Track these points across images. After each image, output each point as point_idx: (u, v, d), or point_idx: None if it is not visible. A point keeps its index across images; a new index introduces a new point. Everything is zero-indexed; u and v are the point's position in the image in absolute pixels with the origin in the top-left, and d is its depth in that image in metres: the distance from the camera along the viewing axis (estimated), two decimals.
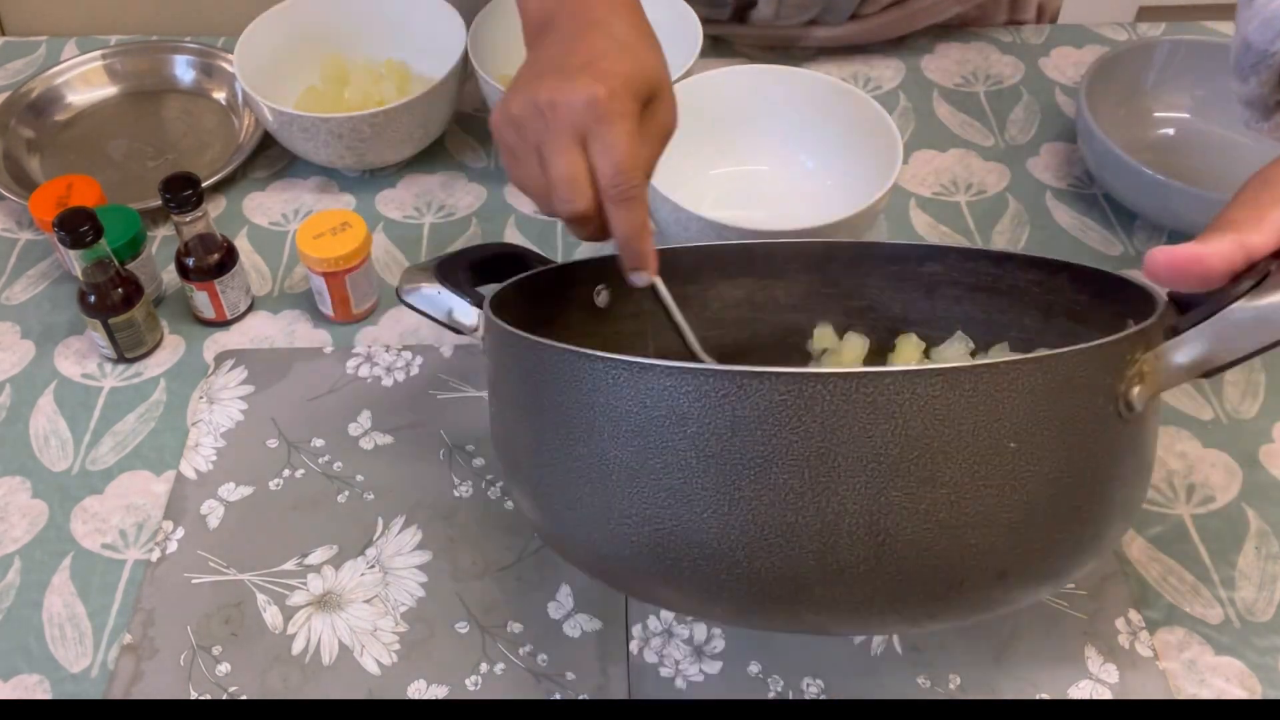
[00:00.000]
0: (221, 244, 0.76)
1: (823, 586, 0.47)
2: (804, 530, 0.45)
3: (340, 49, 0.92)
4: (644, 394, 0.46)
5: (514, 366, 0.53)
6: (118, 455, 0.71)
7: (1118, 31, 1.02)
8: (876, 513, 0.45)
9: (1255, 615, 0.63)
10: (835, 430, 0.44)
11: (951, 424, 0.44)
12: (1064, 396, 0.46)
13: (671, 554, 0.48)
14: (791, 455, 0.45)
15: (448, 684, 0.60)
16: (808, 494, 0.45)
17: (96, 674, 0.61)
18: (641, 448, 0.47)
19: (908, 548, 0.45)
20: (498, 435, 0.57)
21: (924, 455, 0.45)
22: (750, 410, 0.45)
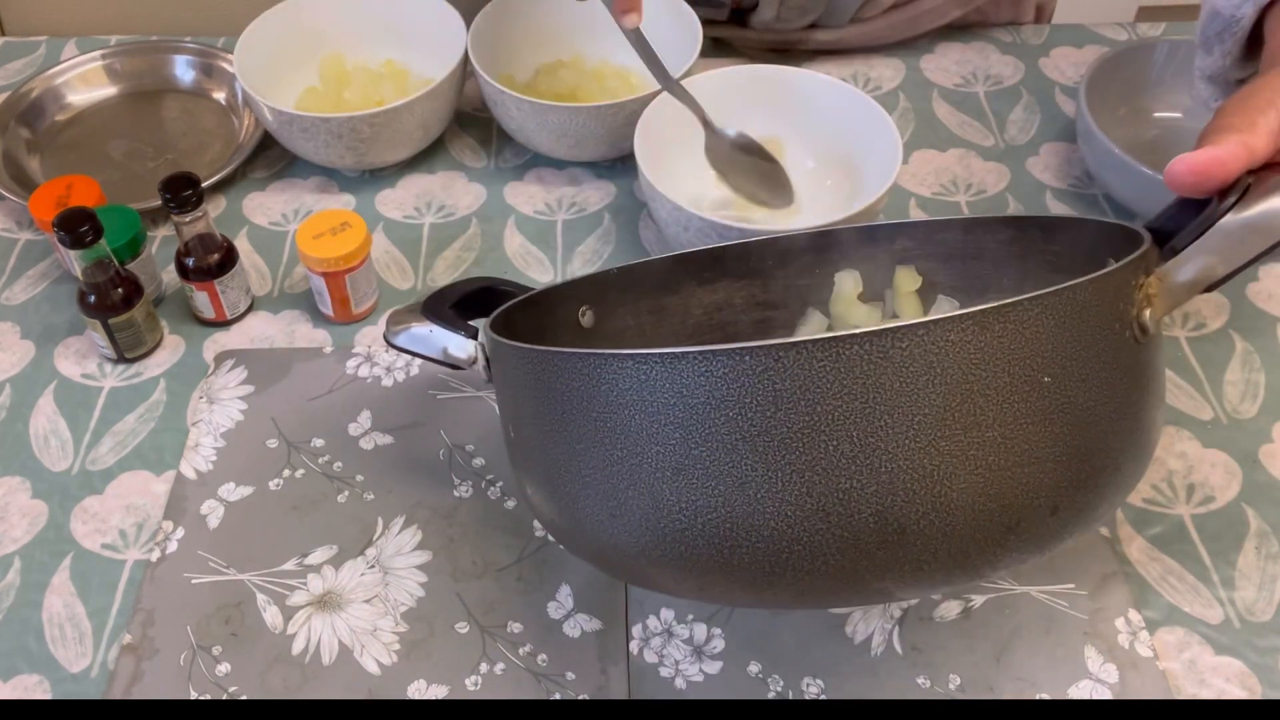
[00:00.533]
0: (221, 244, 0.76)
1: (884, 549, 0.46)
2: (860, 494, 0.45)
3: (340, 49, 0.92)
4: (679, 384, 0.46)
5: (532, 383, 0.52)
6: (118, 455, 0.71)
7: (1118, 31, 1.02)
8: (930, 465, 0.45)
9: (1255, 615, 0.63)
10: (877, 388, 0.44)
11: (987, 366, 0.45)
12: (1086, 325, 0.47)
13: (729, 541, 0.47)
14: (837, 420, 0.44)
15: (448, 684, 0.60)
16: (859, 457, 0.45)
17: (96, 674, 0.61)
18: (684, 439, 0.46)
19: (963, 495, 0.45)
20: (521, 459, 0.56)
21: (966, 400, 0.45)
22: (790, 382, 0.44)
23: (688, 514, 0.47)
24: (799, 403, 0.44)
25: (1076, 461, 0.48)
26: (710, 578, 0.50)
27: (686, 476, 0.47)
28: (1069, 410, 0.47)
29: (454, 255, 0.83)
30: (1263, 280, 0.80)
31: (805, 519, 0.46)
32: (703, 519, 0.47)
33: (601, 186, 0.89)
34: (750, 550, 0.47)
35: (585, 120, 0.83)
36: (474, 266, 0.82)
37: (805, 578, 0.48)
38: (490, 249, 0.84)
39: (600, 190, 0.88)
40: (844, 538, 0.46)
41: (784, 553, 0.47)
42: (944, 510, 0.45)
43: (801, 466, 0.45)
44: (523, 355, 0.53)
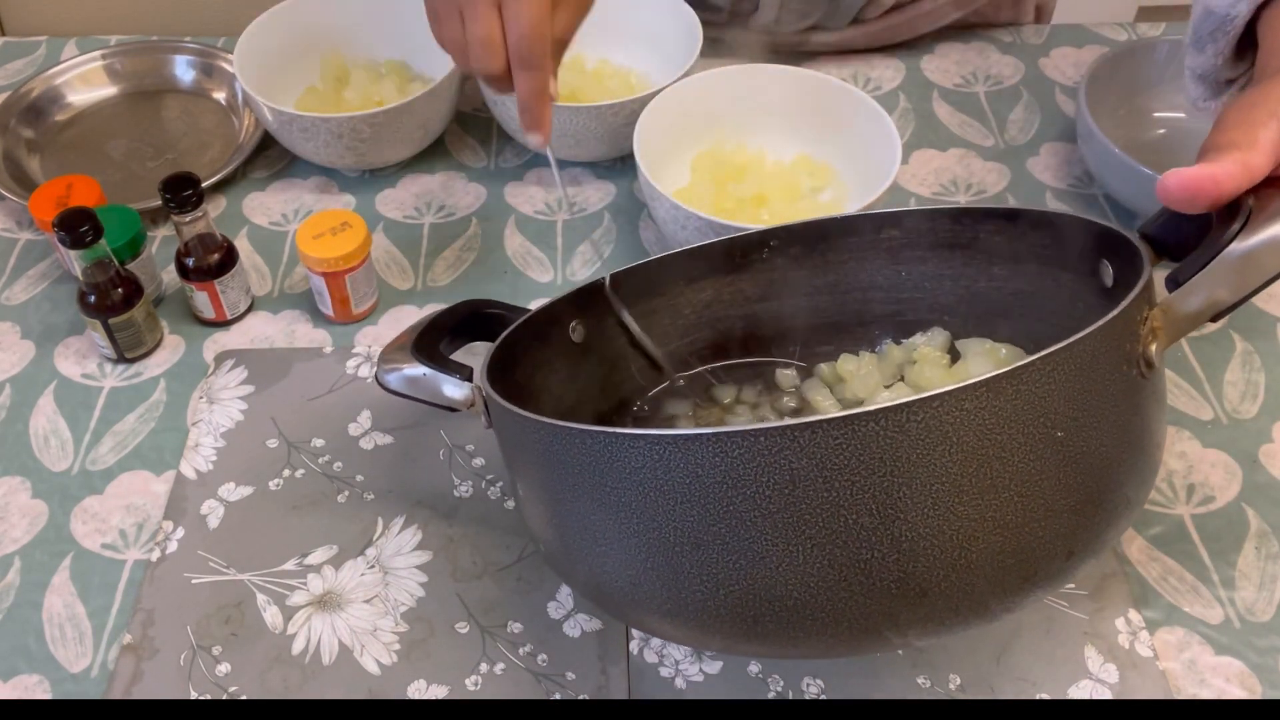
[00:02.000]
0: (221, 244, 0.76)
1: (906, 610, 0.47)
2: (882, 563, 0.45)
3: (340, 49, 0.92)
4: (694, 465, 0.46)
5: (539, 451, 0.52)
6: (118, 455, 0.71)
7: (1118, 32, 1.02)
8: (950, 530, 0.45)
9: (1255, 615, 0.63)
10: (894, 462, 0.44)
11: (1002, 429, 0.45)
12: (1096, 372, 0.47)
13: (751, 610, 0.47)
14: (856, 495, 0.45)
15: (448, 684, 0.60)
16: (879, 528, 0.45)
17: (96, 674, 0.61)
18: (700, 517, 0.46)
19: (983, 554, 0.46)
20: (531, 515, 0.56)
21: (982, 465, 0.45)
22: (807, 460, 0.44)
23: (709, 585, 0.48)
24: (816, 480, 0.45)
25: (1090, 505, 0.48)
26: (733, 640, 0.50)
27: (706, 551, 0.47)
28: (1082, 459, 0.47)
29: (454, 255, 0.83)
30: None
31: (827, 588, 0.46)
32: (724, 590, 0.47)
33: (601, 186, 0.89)
34: (773, 617, 0.47)
35: (585, 120, 0.83)
36: (474, 267, 0.82)
37: (828, 639, 0.48)
38: (490, 249, 0.84)
39: (600, 190, 0.88)
40: (866, 603, 0.46)
41: (807, 619, 0.47)
42: (964, 570, 0.46)
43: (822, 540, 0.45)
44: (528, 424, 0.52)
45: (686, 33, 0.89)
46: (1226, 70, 0.66)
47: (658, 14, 0.92)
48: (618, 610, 0.54)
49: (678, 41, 0.89)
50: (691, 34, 0.88)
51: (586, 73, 0.92)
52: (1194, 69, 0.68)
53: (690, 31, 0.88)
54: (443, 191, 0.89)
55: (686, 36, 0.88)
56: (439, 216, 0.87)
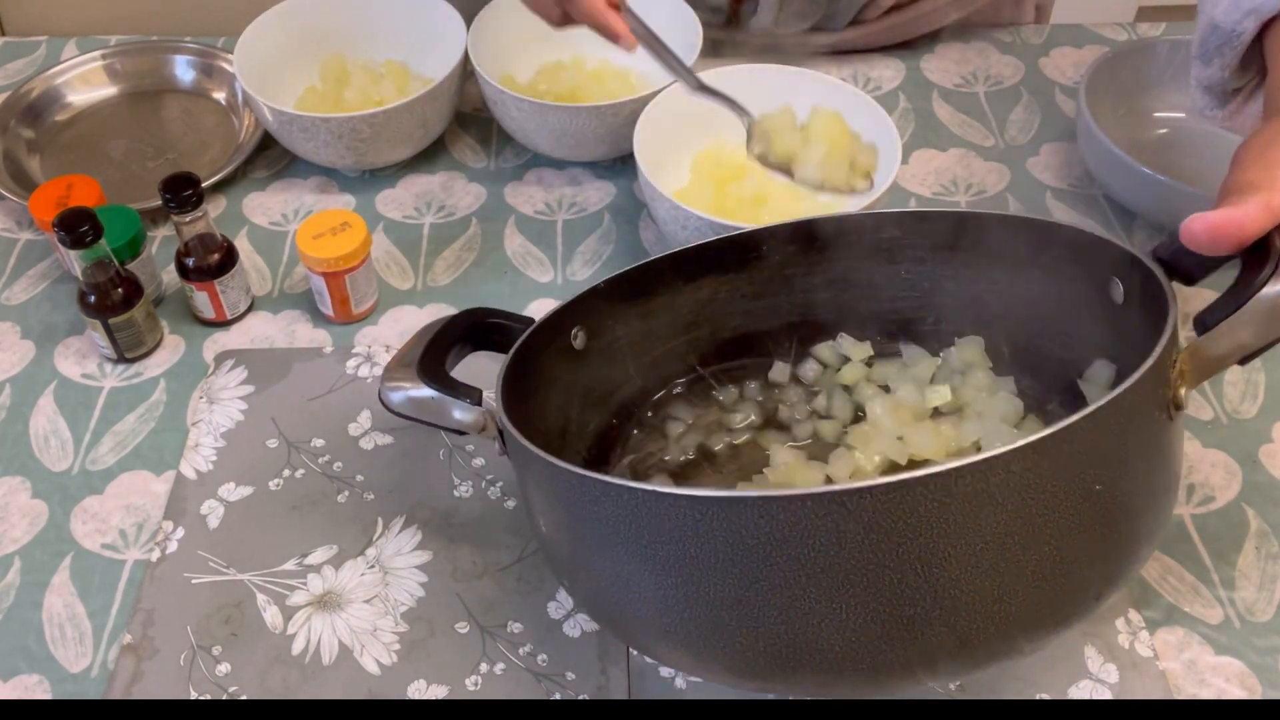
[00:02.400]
0: (221, 244, 0.76)
1: (946, 660, 0.48)
2: (924, 619, 0.46)
3: (340, 49, 0.92)
4: (737, 526, 0.46)
5: (573, 500, 0.51)
6: (118, 455, 0.71)
7: (1118, 31, 1.02)
8: (991, 587, 0.46)
9: (1255, 615, 0.63)
10: (941, 524, 0.45)
11: (1046, 488, 0.46)
12: (1133, 423, 0.48)
13: (791, 660, 0.48)
14: (902, 556, 0.45)
15: (448, 684, 0.60)
16: (923, 588, 0.45)
17: (96, 674, 0.61)
18: (741, 576, 0.47)
19: (1022, 606, 0.47)
20: (555, 555, 0.56)
21: (1025, 523, 0.46)
22: (853, 524, 0.44)
23: (748, 636, 0.48)
24: (863, 541, 0.45)
25: (1121, 548, 0.49)
26: (770, 683, 0.51)
27: (746, 607, 0.47)
28: (1116, 507, 0.48)
29: (454, 255, 0.83)
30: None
31: (869, 642, 0.47)
32: (764, 642, 0.48)
33: (601, 186, 0.89)
34: (813, 667, 0.48)
35: (585, 120, 0.83)
36: (474, 267, 0.82)
37: (863, 685, 0.49)
38: (490, 249, 0.84)
39: (600, 190, 0.88)
40: (906, 654, 0.47)
41: (846, 668, 0.48)
42: (1003, 622, 0.47)
43: (866, 598, 0.46)
44: (558, 472, 0.51)
45: (686, 33, 0.88)
46: (1233, 80, 0.66)
47: (658, 14, 0.91)
48: (646, 649, 0.55)
49: (678, 41, 0.89)
50: (691, 34, 0.88)
51: (586, 73, 0.92)
52: (1200, 80, 0.68)
53: (690, 31, 0.88)
54: (443, 191, 0.89)
55: (686, 36, 0.88)
56: (439, 216, 0.87)
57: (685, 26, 0.89)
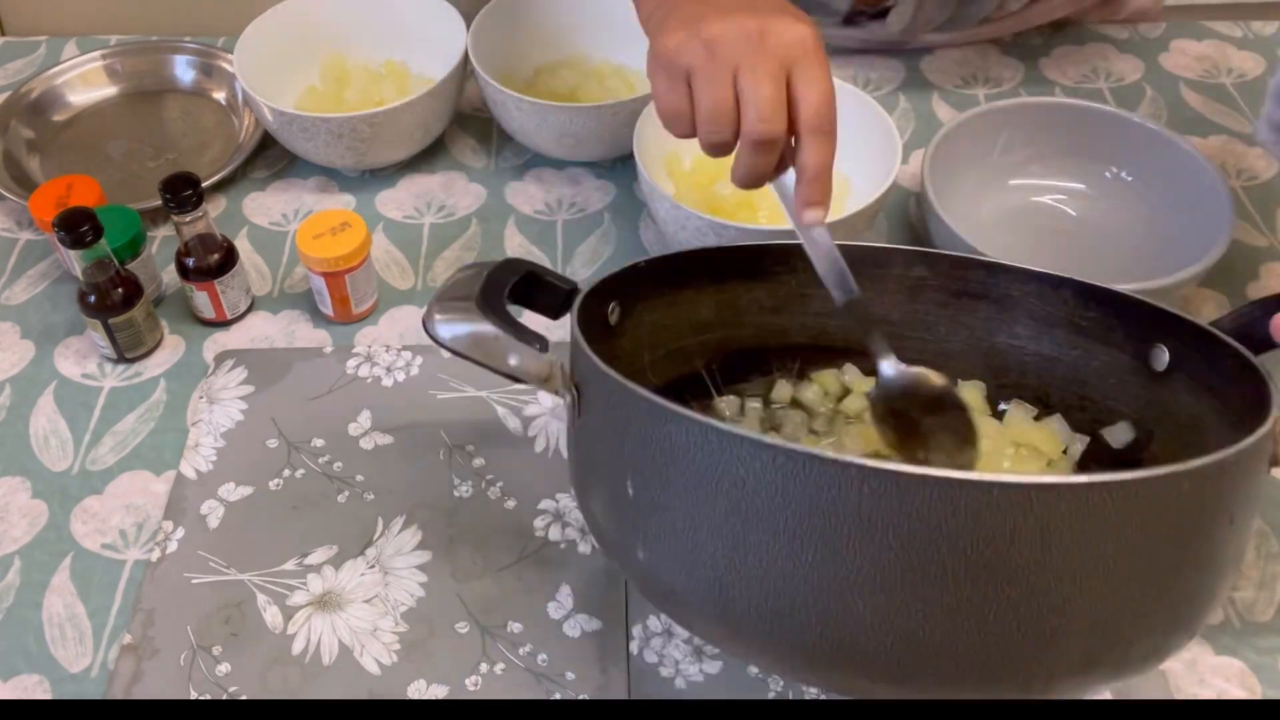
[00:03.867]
0: (221, 244, 0.76)
1: (1067, 680, 0.47)
2: (1066, 632, 0.46)
3: (340, 49, 0.92)
4: (909, 504, 0.44)
5: (684, 452, 0.48)
6: (118, 455, 0.71)
7: (1118, 30, 1.02)
8: (1137, 607, 0.46)
9: (1255, 615, 0.63)
10: (1111, 535, 0.44)
11: (1205, 512, 0.46)
12: (1257, 468, 0.49)
13: (914, 661, 0.46)
14: (1068, 562, 0.44)
15: (448, 684, 0.60)
16: (1076, 598, 0.45)
17: (96, 674, 0.61)
18: (896, 561, 0.45)
19: (1150, 631, 0.47)
20: (630, 514, 0.52)
21: (1181, 546, 0.46)
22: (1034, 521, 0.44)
23: (878, 630, 0.46)
24: (1036, 542, 0.44)
25: (1226, 583, 0.50)
26: (872, 686, 0.49)
27: (890, 595, 0.45)
28: (1238, 542, 0.49)
29: (454, 255, 0.83)
30: (1263, 279, 0.80)
31: (1006, 649, 0.46)
32: (894, 637, 0.46)
33: (601, 186, 0.89)
34: (936, 669, 0.47)
35: (585, 120, 0.83)
36: None
37: (978, 693, 0.48)
38: (490, 249, 0.84)
39: (600, 190, 0.88)
40: (1034, 671, 0.47)
41: (971, 678, 0.47)
42: (1126, 644, 0.47)
43: (1017, 601, 0.45)
44: (683, 422, 0.47)
45: None
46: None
47: None
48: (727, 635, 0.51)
49: None
50: None
51: (586, 73, 0.92)
52: (1273, 119, 0.70)
53: None
54: (443, 191, 0.89)
55: None
56: (439, 216, 0.87)
57: None
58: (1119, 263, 0.78)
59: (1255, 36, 1.02)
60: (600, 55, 0.94)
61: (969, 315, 0.66)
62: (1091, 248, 0.81)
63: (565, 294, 0.61)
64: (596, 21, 0.94)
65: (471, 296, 0.56)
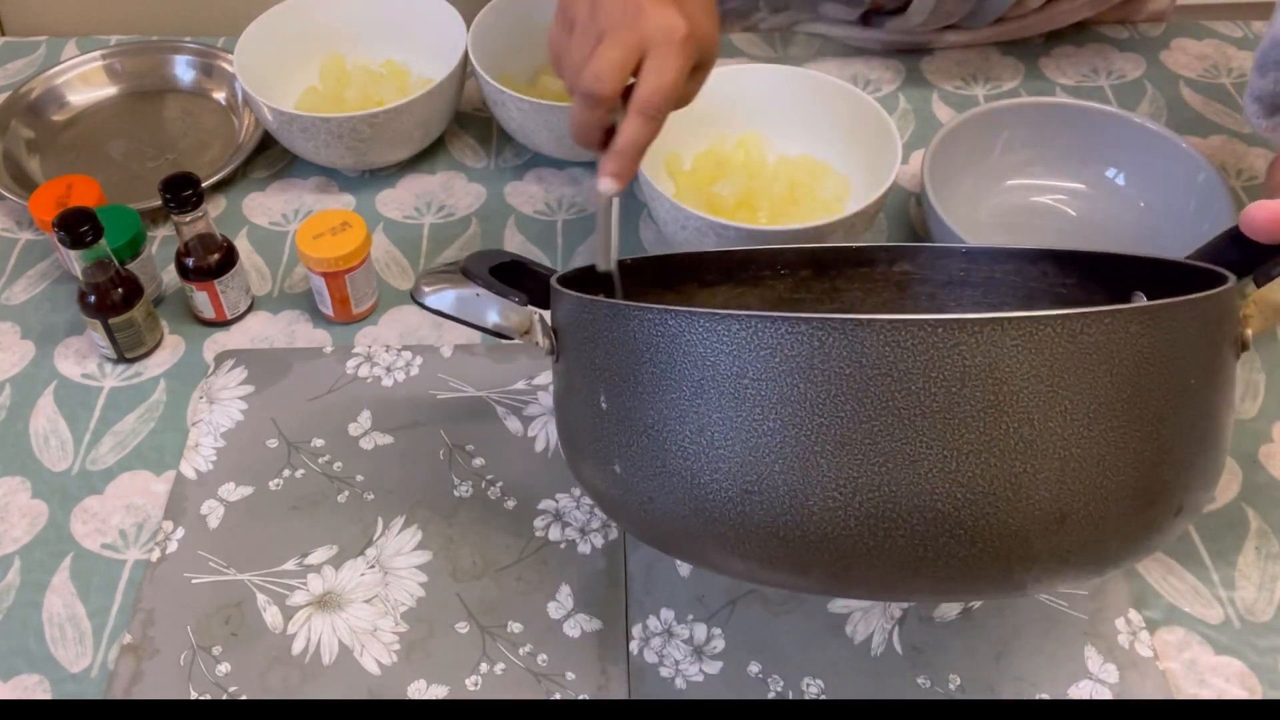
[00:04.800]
0: (221, 244, 0.76)
1: (1042, 538, 0.46)
2: (1033, 480, 0.44)
3: (340, 49, 0.92)
4: (858, 353, 0.44)
5: (647, 347, 0.49)
6: (118, 455, 0.71)
7: (1118, 30, 1.02)
8: (1098, 453, 0.45)
9: (1255, 615, 0.63)
10: (1063, 371, 0.44)
11: (1153, 362, 0.46)
12: (1217, 334, 0.49)
13: (885, 524, 0.45)
14: (1022, 401, 0.44)
15: (448, 684, 0.60)
16: (1038, 441, 0.44)
17: (96, 674, 0.61)
18: (855, 411, 0.44)
19: (1118, 487, 0.46)
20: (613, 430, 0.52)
21: (1135, 394, 0.46)
22: (980, 359, 0.43)
23: (844, 491, 0.45)
24: (986, 380, 0.43)
25: (1198, 461, 0.49)
26: (849, 562, 0.47)
27: (850, 451, 0.45)
28: (1202, 413, 0.48)
29: (454, 255, 0.83)
30: None
31: (973, 503, 0.45)
32: (861, 497, 0.45)
33: None
34: (907, 534, 0.45)
35: None
36: None
37: (957, 567, 0.46)
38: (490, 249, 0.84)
39: None
40: (1008, 524, 0.45)
41: (943, 538, 0.45)
42: (1101, 501, 0.46)
43: (979, 447, 0.44)
44: (643, 316, 0.49)
45: None
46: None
47: None
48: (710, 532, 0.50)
49: None
50: None
51: None
52: (1254, 91, 0.71)
53: None
54: (443, 191, 0.89)
55: None
56: (439, 216, 0.87)
57: None
58: None
59: (1255, 36, 1.02)
60: None
61: (958, 304, 0.66)
62: (1091, 248, 0.80)
63: (546, 280, 0.61)
64: None
65: (455, 269, 0.60)
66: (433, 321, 0.78)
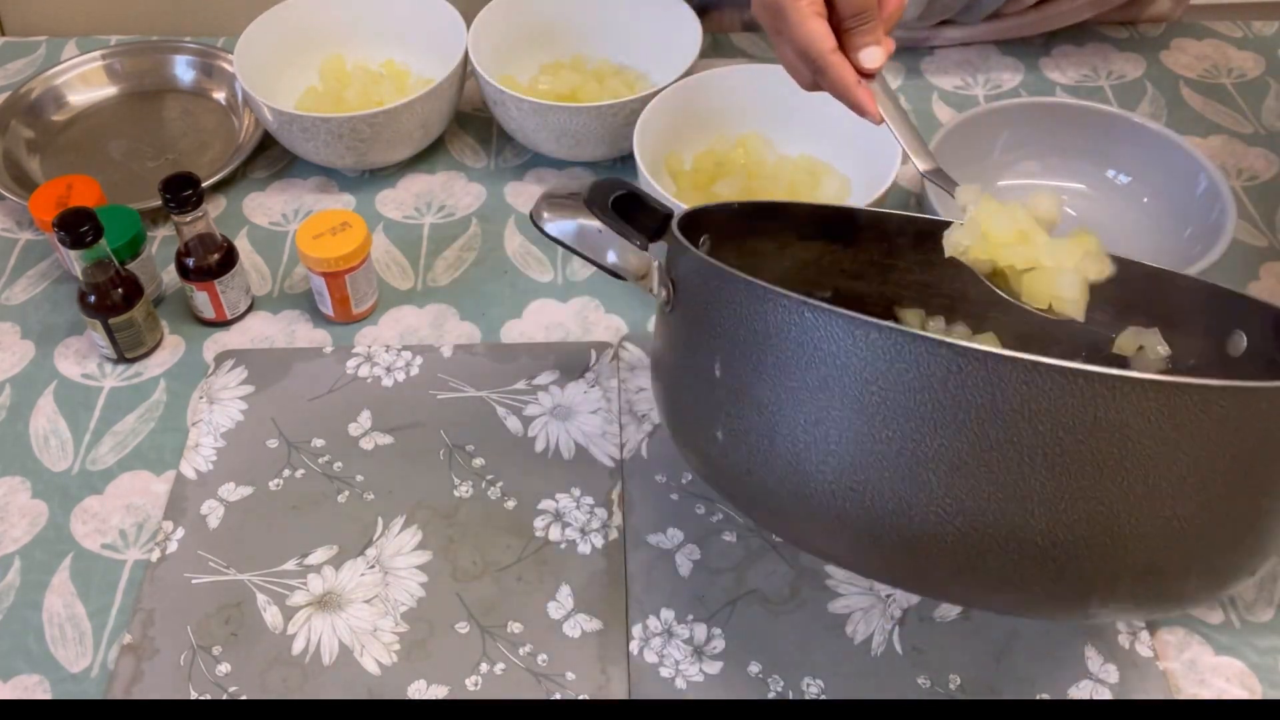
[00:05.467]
0: (221, 244, 0.76)
1: (1128, 584, 0.47)
2: (1133, 533, 0.46)
3: (340, 49, 0.92)
4: (994, 387, 0.44)
5: (779, 333, 0.49)
6: (118, 455, 0.71)
7: (1118, 30, 1.02)
8: (1203, 520, 0.46)
9: (1255, 615, 0.63)
10: (1188, 439, 0.44)
11: (1276, 439, 0.46)
12: None
13: (980, 546, 0.46)
14: (1142, 461, 0.44)
15: (448, 684, 0.60)
16: (1146, 499, 0.45)
17: (96, 674, 0.61)
18: (975, 441, 0.45)
19: (1212, 550, 0.47)
20: (721, 399, 0.52)
21: (1250, 466, 0.46)
22: (1115, 415, 0.44)
23: (949, 510, 0.46)
24: (1114, 435, 0.44)
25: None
26: (935, 570, 0.49)
27: (964, 475, 0.46)
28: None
29: (454, 255, 0.83)
30: (1263, 279, 0.80)
31: (1073, 543, 0.46)
32: (964, 518, 0.46)
33: None
34: (1000, 558, 0.46)
35: (585, 120, 0.83)
36: (474, 267, 0.82)
37: (1036, 596, 0.48)
38: (490, 249, 0.84)
39: None
40: (1100, 569, 0.47)
41: (1034, 568, 0.46)
42: (1191, 561, 0.47)
43: (1090, 495, 0.45)
44: (778, 300, 0.49)
45: (686, 33, 0.89)
46: None
47: (658, 14, 0.92)
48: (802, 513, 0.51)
49: (678, 41, 0.89)
50: (691, 34, 0.88)
51: (586, 73, 0.92)
52: None
53: (690, 31, 0.88)
54: (443, 191, 0.89)
55: (686, 36, 0.88)
56: (439, 216, 0.87)
57: (685, 26, 0.89)
58: None
59: (1255, 36, 1.02)
60: (600, 55, 0.94)
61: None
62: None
63: (663, 217, 0.61)
64: (596, 21, 0.94)
65: (579, 195, 0.58)
66: (433, 321, 0.78)
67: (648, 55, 0.93)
